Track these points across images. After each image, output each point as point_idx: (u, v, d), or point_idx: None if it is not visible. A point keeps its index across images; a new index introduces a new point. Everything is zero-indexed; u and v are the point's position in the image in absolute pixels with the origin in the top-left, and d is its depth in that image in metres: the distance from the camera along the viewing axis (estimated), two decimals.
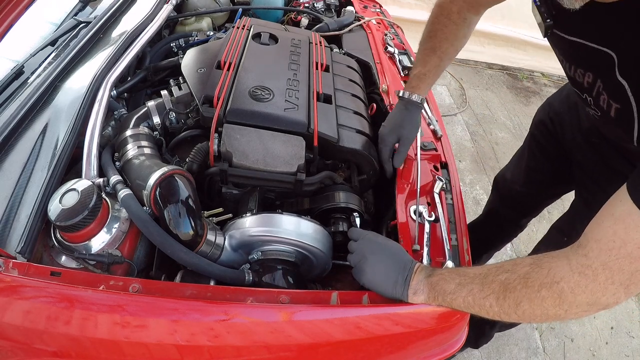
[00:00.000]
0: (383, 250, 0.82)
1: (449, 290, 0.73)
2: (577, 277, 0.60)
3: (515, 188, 1.45)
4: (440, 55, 1.03)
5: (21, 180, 0.85)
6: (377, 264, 0.80)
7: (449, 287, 0.73)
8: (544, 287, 0.62)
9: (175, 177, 0.84)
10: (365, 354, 0.80)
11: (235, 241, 0.89)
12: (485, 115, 3.15)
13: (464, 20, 1.00)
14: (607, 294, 0.59)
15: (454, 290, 0.72)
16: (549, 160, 1.28)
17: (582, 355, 1.87)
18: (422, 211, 0.96)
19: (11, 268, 0.72)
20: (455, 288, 0.72)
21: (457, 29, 1.01)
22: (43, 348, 0.71)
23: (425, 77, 1.04)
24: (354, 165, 1.13)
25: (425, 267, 0.80)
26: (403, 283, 0.77)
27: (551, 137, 1.23)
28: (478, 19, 1.03)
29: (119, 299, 0.72)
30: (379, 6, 1.94)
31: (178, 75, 1.21)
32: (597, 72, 0.76)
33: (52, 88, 1.05)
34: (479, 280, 0.69)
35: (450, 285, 0.73)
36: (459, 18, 0.99)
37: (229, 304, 0.74)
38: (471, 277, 0.71)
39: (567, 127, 1.15)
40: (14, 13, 1.18)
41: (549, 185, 1.34)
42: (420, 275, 0.78)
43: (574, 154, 1.13)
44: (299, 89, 1.12)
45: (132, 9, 1.46)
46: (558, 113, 1.19)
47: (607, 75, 0.71)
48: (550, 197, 1.44)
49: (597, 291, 0.59)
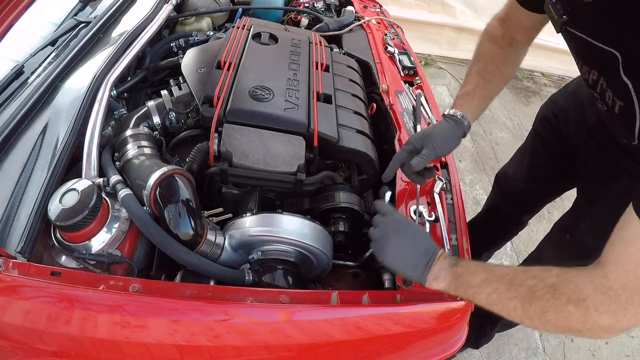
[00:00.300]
0: (407, 231, 0.81)
1: (474, 283, 0.72)
2: (600, 296, 0.62)
3: (517, 184, 1.45)
4: (486, 77, 1.01)
5: (21, 180, 0.85)
6: (399, 244, 0.79)
7: (474, 280, 0.73)
8: (571, 302, 0.63)
9: (175, 177, 0.84)
10: (365, 354, 0.80)
11: (235, 241, 0.89)
12: (485, 115, 3.15)
13: (510, 45, 1.01)
14: (628, 315, 0.61)
15: (479, 284, 0.72)
16: (552, 156, 1.28)
17: (582, 355, 1.87)
18: (422, 211, 0.96)
19: (11, 268, 0.72)
20: (480, 283, 0.72)
21: (503, 53, 1.01)
22: (43, 348, 0.71)
23: (469, 96, 1.01)
24: (354, 165, 1.13)
25: (449, 257, 0.80)
26: (424, 267, 0.77)
27: (555, 133, 1.23)
28: (526, 47, 1.03)
29: (119, 299, 0.72)
30: (379, 6, 1.94)
31: (178, 75, 1.21)
32: (601, 70, 0.77)
33: (52, 88, 1.05)
34: (507, 280, 0.70)
35: (476, 279, 0.72)
36: (504, 42, 1.01)
37: (229, 304, 0.74)
38: (498, 275, 0.71)
39: (572, 123, 1.15)
40: (14, 13, 1.18)
41: (551, 181, 1.34)
42: (443, 262, 0.78)
43: (578, 150, 1.12)
44: (299, 89, 1.12)
45: (132, 9, 1.46)
46: (563, 109, 1.19)
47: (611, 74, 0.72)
48: (552, 193, 1.44)
49: (619, 312, 0.61)
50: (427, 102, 1.30)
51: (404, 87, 1.34)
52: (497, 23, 1.01)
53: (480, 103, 1.01)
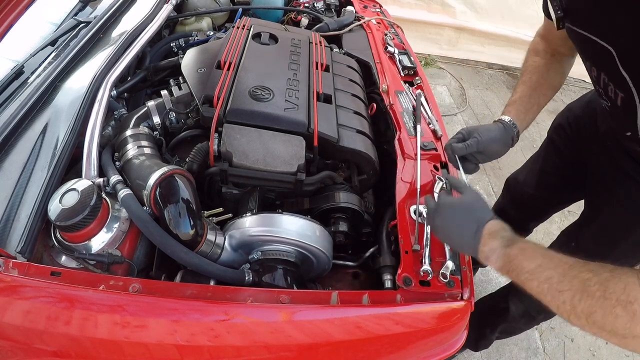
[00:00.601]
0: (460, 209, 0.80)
1: (528, 269, 0.68)
2: None
3: (527, 191, 1.46)
4: (532, 86, 1.06)
5: (21, 180, 0.85)
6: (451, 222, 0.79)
7: (529, 266, 0.68)
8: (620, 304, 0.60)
9: (175, 177, 0.84)
10: (365, 354, 0.80)
11: (235, 241, 0.89)
12: (485, 115, 3.15)
13: (553, 57, 1.06)
14: None
15: (533, 270, 0.68)
16: (563, 164, 1.29)
17: (582, 355, 1.87)
18: (422, 211, 0.96)
19: (11, 268, 0.72)
20: (534, 269, 0.68)
21: (547, 64, 1.06)
22: (43, 348, 0.71)
23: (515, 104, 1.05)
24: (354, 165, 1.13)
25: (503, 232, 0.76)
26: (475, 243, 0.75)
27: (569, 141, 1.25)
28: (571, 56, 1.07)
29: (119, 299, 0.72)
30: (379, 6, 1.95)
31: (178, 75, 1.21)
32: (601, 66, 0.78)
33: (52, 88, 1.05)
34: (562, 270, 0.66)
35: (530, 265, 0.68)
36: (546, 54, 1.07)
37: (229, 304, 0.74)
38: (555, 263, 0.67)
39: (585, 131, 1.17)
40: (14, 13, 1.18)
41: (561, 190, 1.35)
42: (494, 242, 0.74)
43: (588, 159, 1.14)
44: (299, 89, 1.12)
45: (132, 9, 1.46)
46: (577, 118, 1.22)
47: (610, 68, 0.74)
48: (561, 203, 1.44)
49: None
50: (427, 102, 1.30)
51: (404, 87, 1.34)
52: (538, 39, 1.08)
53: (528, 111, 1.04)
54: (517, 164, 2.65)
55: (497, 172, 2.61)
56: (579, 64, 1.01)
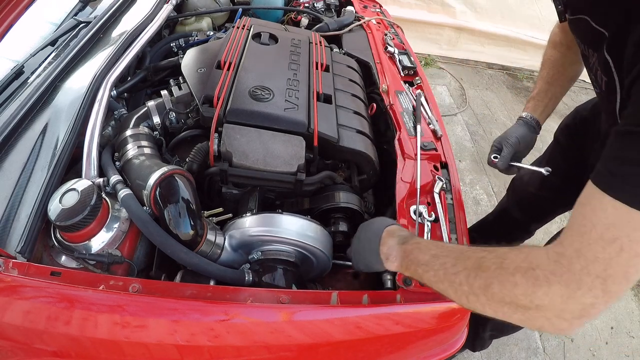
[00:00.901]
0: (364, 228, 0.84)
1: (423, 261, 0.68)
2: (552, 265, 0.56)
3: (530, 190, 1.47)
4: (549, 81, 1.15)
5: (21, 180, 0.85)
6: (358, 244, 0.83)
7: (423, 257, 0.68)
8: (519, 271, 0.57)
9: (175, 177, 0.84)
10: (365, 354, 0.80)
11: (235, 241, 0.89)
12: (485, 115, 3.15)
13: (569, 49, 1.10)
14: (583, 288, 0.54)
15: (427, 261, 0.67)
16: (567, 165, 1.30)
17: (582, 355, 1.87)
18: (422, 211, 0.96)
19: (11, 268, 0.72)
20: (429, 259, 0.67)
21: (563, 57, 1.13)
22: (43, 348, 0.71)
23: (534, 100, 1.17)
24: (354, 165, 1.13)
25: (400, 232, 0.77)
26: (377, 249, 0.76)
27: (573, 142, 1.28)
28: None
29: (119, 299, 0.72)
30: (379, 6, 1.94)
31: (178, 75, 1.21)
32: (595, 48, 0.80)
33: (52, 88, 1.05)
34: (455, 254, 0.65)
35: (425, 256, 0.68)
36: (562, 47, 1.12)
37: (229, 304, 0.74)
38: (448, 250, 0.67)
39: (590, 132, 1.18)
40: (14, 13, 1.18)
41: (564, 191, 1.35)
42: (392, 239, 0.75)
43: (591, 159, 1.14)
44: (299, 89, 1.12)
45: (132, 9, 1.46)
46: (584, 119, 1.25)
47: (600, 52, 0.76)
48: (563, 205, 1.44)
49: (572, 282, 0.54)
50: (427, 102, 1.30)
51: (404, 87, 1.34)
52: (557, 29, 1.13)
53: (546, 105, 1.16)
54: None
55: (497, 172, 2.61)
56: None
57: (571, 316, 0.55)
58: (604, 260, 0.53)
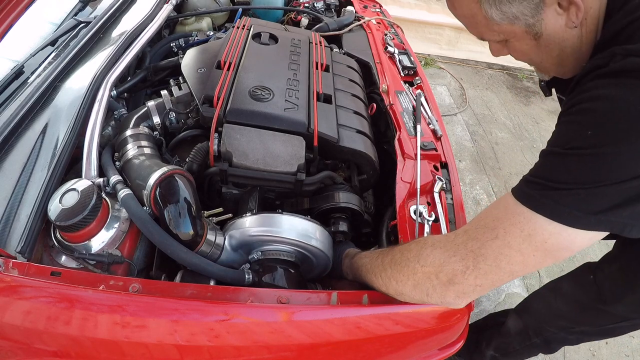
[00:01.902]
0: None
1: (361, 264, 0.85)
2: (440, 236, 0.73)
3: None
4: None
5: (21, 180, 0.85)
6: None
7: (362, 261, 0.86)
8: (414, 242, 0.75)
9: (175, 177, 0.84)
10: (365, 354, 0.80)
11: (235, 241, 0.89)
12: (485, 115, 3.15)
13: None
14: (458, 255, 0.67)
15: (363, 263, 0.84)
16: None
17: (582, 355, 1.86)
18: (422, 211, 0.96)
19: (11, 268, 0.72)
20: (364, 261, 0.84)
21: None
22: (43, 348, 0.71)
23: None
24: (354, 165, 1.13)
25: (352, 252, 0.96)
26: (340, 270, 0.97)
27: None
28: None
29: (119, 299, 0.71)
30: (379, 6, 1.95)
31: (178, 75, 1.21)
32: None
33: (52, 88, 1.05)
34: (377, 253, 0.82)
35: (364, 260, 0.85)
36: None
37: (229, 304, 0.74)
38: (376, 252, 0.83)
39: None
40: (14, 13, 1.18)
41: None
42: (347, 259, 0.95)
43: None
44: (299, 89, 1.12)
45: (132, 9, 1.46)
46: None
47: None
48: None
49: (451, 249, 0.68)
50: (427, 102, 1.30)
51: (404, 87, 1.34)
52: None
53: None
54: (517, 163, 2.67)
55: (497, 172, 2.61)
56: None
57: (446, 279, 0.68)
58: (480, 241, 0.65)
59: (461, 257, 0.66)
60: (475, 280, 0.66)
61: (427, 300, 0.72)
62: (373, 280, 0.80)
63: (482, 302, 1.96)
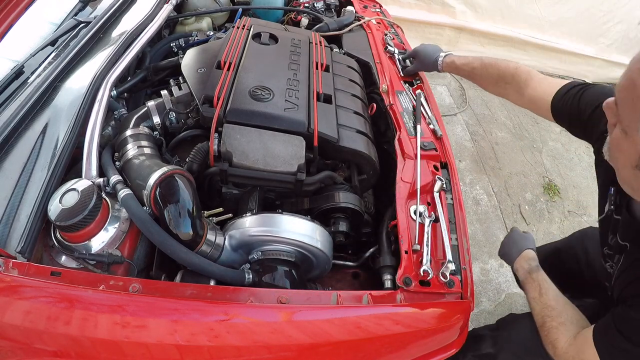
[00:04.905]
0: (513, 240, 1.21)
1: (532, 295, 1.04)
2: (565, 345, 0.90)
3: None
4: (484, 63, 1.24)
5: (21, 180, 0.85)
6: (507, 245, 1.22)
7: (531, 294, 1.05)
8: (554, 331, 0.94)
9: (175, 177, 0.84)
10: (365, 354, 0.80)
11: (235, 241, 0.89)
12: (485, 115, 3.15)
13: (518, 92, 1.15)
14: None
15: (532, 297, 1.04)
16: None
17: None
18: (422, 211, 0.96)
19: (11, 268, 0.72)
20: (532, 296, 1.04)
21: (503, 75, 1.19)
22: (43, 348, 0.71)
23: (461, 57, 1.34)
24: (354, 165, 1.13)
25: (532, 261, 1.11)
26: (513, 258, 1.16)
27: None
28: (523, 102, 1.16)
29: (119, 299, 0.72)
30: (379, 6, 1.94)
31: (178, 75, 1.21)
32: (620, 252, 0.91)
33: (52, 88, 1.05)
34: (539, 304, 1.01)
35: (533, 293, 1.04)
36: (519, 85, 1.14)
37: (229, 304, 0.74)
38: (542, 303, 1.00)
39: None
40: (14, 13, 1.18)
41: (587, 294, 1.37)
42: (524, 264, 1.11)
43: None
44: (299, 89, 1.12)
45: (132, 9, 1.46)
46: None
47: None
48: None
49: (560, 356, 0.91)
50: (427, 102, 1.30)
51: (404, 87, 1.34)
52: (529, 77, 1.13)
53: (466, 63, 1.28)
54: (517, 163, 2.67)
55: (497, 172, 2.61)
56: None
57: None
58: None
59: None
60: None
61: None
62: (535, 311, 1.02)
63: (482, 302, 1.96)
